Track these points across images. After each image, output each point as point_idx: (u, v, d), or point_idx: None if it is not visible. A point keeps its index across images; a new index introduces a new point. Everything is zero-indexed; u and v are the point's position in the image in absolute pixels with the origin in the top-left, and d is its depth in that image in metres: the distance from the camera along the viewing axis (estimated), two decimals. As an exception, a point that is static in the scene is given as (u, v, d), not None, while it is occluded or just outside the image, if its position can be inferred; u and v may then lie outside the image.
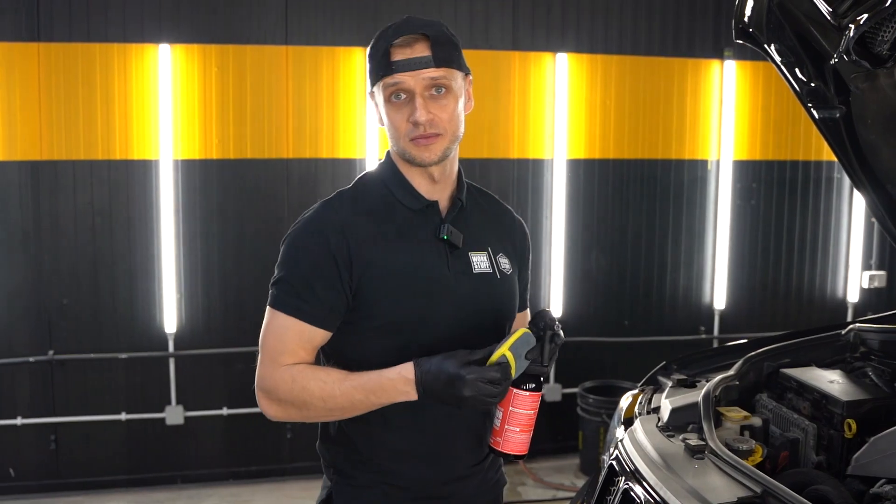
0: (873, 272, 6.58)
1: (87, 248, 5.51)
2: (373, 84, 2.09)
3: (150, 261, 5.56)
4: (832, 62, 2.83)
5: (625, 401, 3.15)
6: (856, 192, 6.47)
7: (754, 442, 2.65)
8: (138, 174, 5.50)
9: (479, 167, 5.86)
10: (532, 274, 6.07)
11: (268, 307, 2.11)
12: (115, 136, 5.44)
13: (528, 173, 5.99)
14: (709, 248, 6.36)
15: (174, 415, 5.65)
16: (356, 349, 2.12)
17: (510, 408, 2.05)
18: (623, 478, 2.51)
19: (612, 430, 3.03)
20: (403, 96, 2.04)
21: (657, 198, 6.24)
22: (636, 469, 2.46)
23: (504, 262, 2.27)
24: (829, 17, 2.74)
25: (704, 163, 6.27)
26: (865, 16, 2.56)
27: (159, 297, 5.58)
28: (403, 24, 2.05)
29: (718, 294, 6.38)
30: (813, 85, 3.05)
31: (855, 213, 6.53)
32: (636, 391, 3.20)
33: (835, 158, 6.24)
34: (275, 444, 5.87)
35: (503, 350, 1.97)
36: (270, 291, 2.12)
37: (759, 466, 2.56)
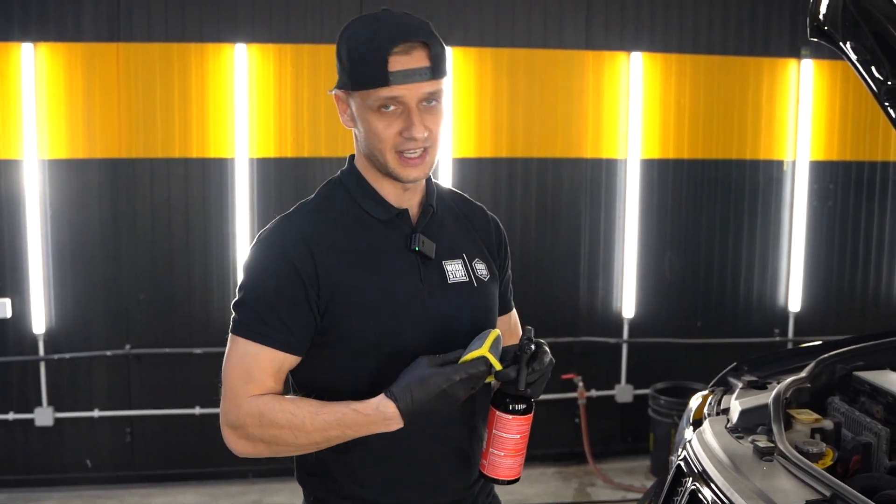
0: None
1: (163, 245, 5.62)
2: (356, 89, 1.88)
3: (226, 258, 5.65)
4: (910, 60, 2.78)
5: (694, 401, 3.13)
6: (937, 194, 6.33)
7: (825, 445, 2.61)
8: (214, 172, 5.59)
9: (552, 167, 5.85)
10: (605, 274, 6.04)
11: (230, 334, 1.95)
12: (191, 134, 5.54)
13: (602, 173, 5.96)
14: (784, 249, 6.26)
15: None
16: (329, 374, 1.98)
17: (493, 430, 1.92)
18: (690, 479, 2.50)
19: (681, 430, 3.01)
20: (393, 107, 1.87)
21: (732, 198, 6.16)
22: (704, 470, 2.45)
23: (481, 268, 2.12)
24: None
25: (780, 163, 6.17)
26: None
27: (233, 294, 5.63)
28: (400, 27, 1.86)
29: (793, 296, 6.26)
30: (890, 84, 2.99)
31: (935, 214, 6.37)
32: (706, 392, 3.18)
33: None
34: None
35: (483, 351, 1.85)
36: (232, 317, 1.95)
37: (829, 470, 2.52)
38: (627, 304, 6.07)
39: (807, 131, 6.10)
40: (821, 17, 2.92)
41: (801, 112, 6.07)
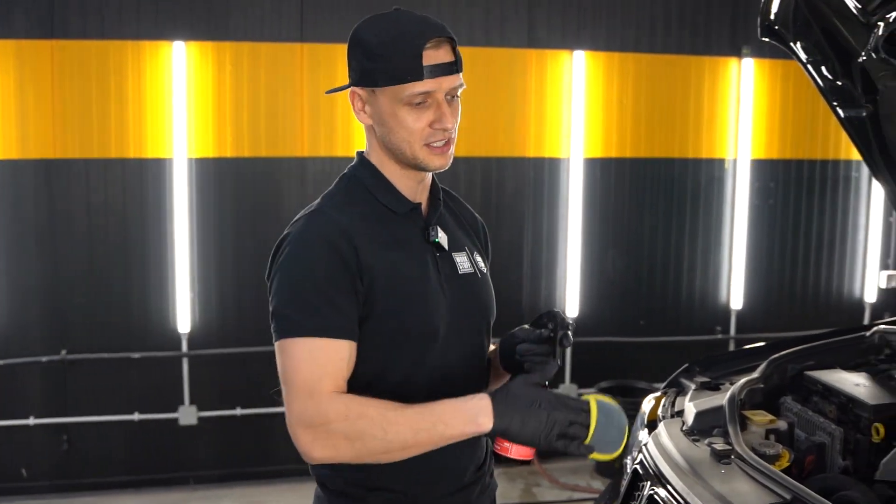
0: (891, 272, 6.49)
1: (100, 248, 5.48)
2: (389, 84, 1.92)
3: (164, 260, 5.54)
4: (860, 60, 2.79)
5: (647, 403, 3.11)
6: (874, 192, 6.43)
7: (781, 446, 2.61)
8: (152, 173, 5.47)
9: (495, 166, 5.82)
10: (548, 273, 6.04)
11: (283, 339, 1.90)
12: (128, 134, 5.41)
13: (545, 172, 5.95)
14: (726, 247, 6.31)
15: (187, 415, 5.62)
16: (369, 364, 1.96)
17: None
18: (649, 483, 2.48)
19: (635, 433, 2.99)
20: (424, 101, 1.93)
21: (674, 197, 6.19)
22: (662, 474, 2.43)
23: (480, 261, 2.21)
24: (857, 15, 2.70)
25: (722, 162, 6.22)
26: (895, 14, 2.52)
27: (173, 297, 5.55)
28: (425, 24, 1.94)
29: (735, 294, 6.32)
30: (839, 83, 3.01)
31: (873, 212, 6.47)
32: (658, 393, 3.16)
33: (853, 157, 6.28)
34: (289, 444, 5.76)
35: (593, 398, 1.81)
36: (278, 322, 1.91)
37: (785, 471, 2.52)
38: (571, 303, 6.06)
39: (748, 130, 6.16)
40: (772, 16, 2.93)
41: (743, 111, 6.13)
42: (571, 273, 6.05)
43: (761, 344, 3.49)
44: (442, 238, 2.09)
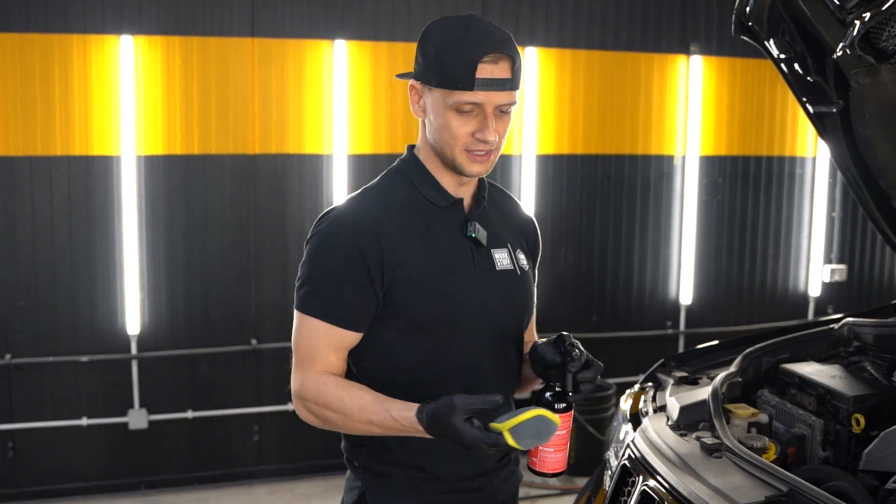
0: (834, 266, 6.65)
1: (45, 248, 5.33)
2: (440, 87, 2.00)
3: (112, 261, 5.40)
4: (835, 56, 2.82)
5: (626, 399, 3.11)
6: (817, 188, 6.55)
7: (767, 439, 2.63)
8: (99, 170, 5.34)
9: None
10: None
11: (296, 310, 2.08)
12: (74, 130, 5.27)
13: (497, 169, 5.93)
14: (675, 243, 6.37)
15: (137, 418, 5.49)
16: (382, 350, 2.10)
17: None
18: (640, 477, 2.47)
19: (617, 428, 2.99)
20: (471, 109, 1.99)
21: (624, 193, 6.24)
22: (654, 469, 2.43)
23: (522, 259, 2.25)
24: (834, 11, 2.72)
25: (671, 158, 6.28)
26: (870, 13, 2.55)
27: (121, 298, 5.42)
28: (490, 37, 2.00)
29: (685, 289, 6.39)
30: (811, 79, 3.04)
31: (816, 208, 6.60)
32: (636, 389, 3.17)
33: (798, 154, 6.38)
34: (242, 446, 5.75)
35: (504, 429, 1.87)
36: (297, 293, 2.08)
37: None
38: (524, 299, 6.05)
39: (696, 126, 6.23)
40: (747, 13, 2.94)
41: (691, 107, 6.19)
42: (523, 269, 6.03)
43: (734, 339, 3.53)
44: (481, 234, 2.13)
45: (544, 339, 2.12)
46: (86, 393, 5.46)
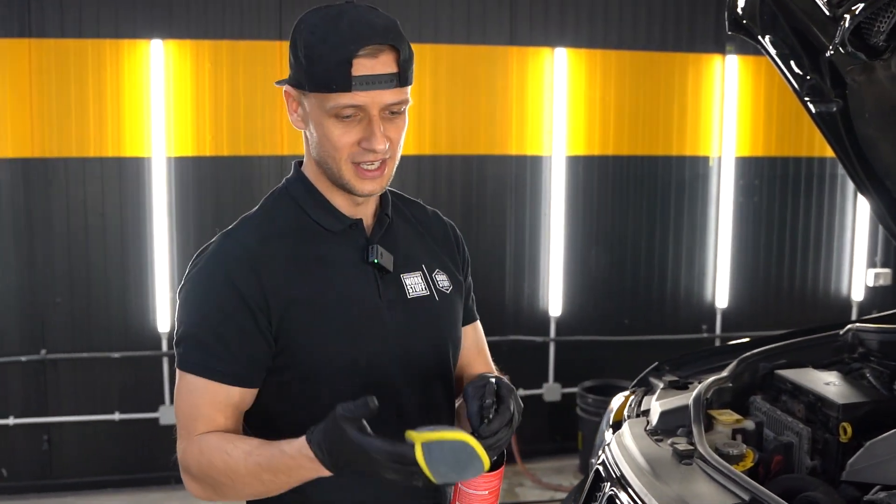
0: (878, 270, 6.48)
1: (79, 247, 5.45)
2: (313, 90, 1.71)
3: (144, 259, 5.50)
4: (828, 54, 2.76)
5: (615, 402, 3.09)
6: (861, 189, 6.39)
7: (745, 446, 2.58)
8: (131, 172, 5.44)
9: (476, 164, 5.78)
10: (531, 272, 6.00)
11: (177, 370, 1.77)
12: (107, 133, 5.38)
13: (527, 170, 5.91)
14: (710, 245, 6.27)
15: (168, 414, 5.59)
16: (281, 402, 1.81)
17: (460, 487, 1.73)
18: (609, 483, 2.45)
19: (601, 433, 2.96)
20: (353, 114, 1.71)
21: (658, 195, 6.15)
22: (622, 475, 2.40)
23: (442, 280, 1.96)
24: (823, 8, 2.66)
25: (706, 159, 6.18)
26: (861, 6, 2.49)
27: (153, 296, 5.52)
28: (367, 26, 1.67)
29: (721, 292, 6.28)
30: (809, 78, 2.97)
31: (859, 209, 6.41)
32: (627, 393, 3.13)
33: (838, 154, 6.21)
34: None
35: (417, 440, 1.49)
36: (176, 350, 1.77)
37: (751, 471, 2.51)
38: (554, 302, 6.03)
39: (732, 127, 6.12)
40: (739, 10, 2.89)
41: (727, 107, 6.09)
42: (554, 272, 6.01)
43: (736, 342, 3.47)
44: (385, 258, 1.85)
45: (477, 378, 1.75)
46: (118, 388, 5.57)
